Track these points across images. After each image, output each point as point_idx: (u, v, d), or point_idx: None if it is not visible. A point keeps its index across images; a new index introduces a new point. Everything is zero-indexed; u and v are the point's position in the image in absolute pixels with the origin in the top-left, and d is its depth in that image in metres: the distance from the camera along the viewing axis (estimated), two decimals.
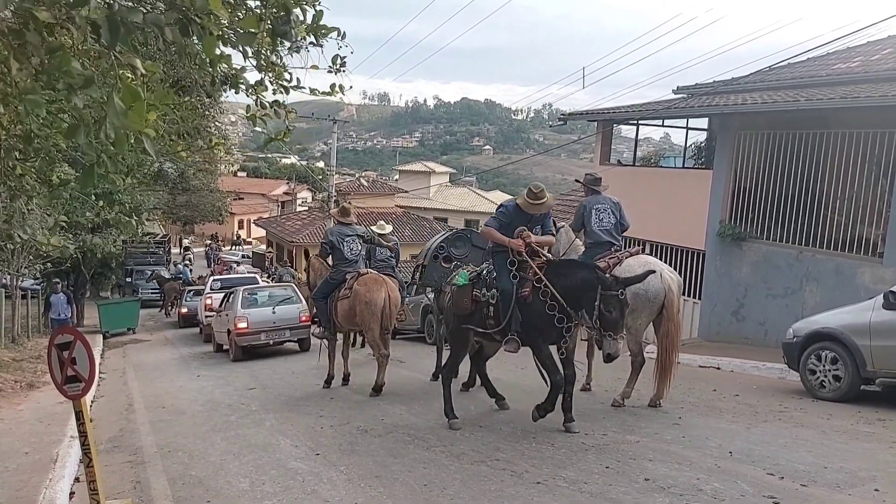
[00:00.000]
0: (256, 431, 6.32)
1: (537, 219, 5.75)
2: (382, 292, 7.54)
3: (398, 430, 5.86)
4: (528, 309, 5.35)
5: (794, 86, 12.09)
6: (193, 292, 19.98)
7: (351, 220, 8.32)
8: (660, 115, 12.75)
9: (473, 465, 4.70)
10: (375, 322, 7.52)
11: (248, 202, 55.34)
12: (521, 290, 5.40)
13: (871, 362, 6.15)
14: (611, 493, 3.94)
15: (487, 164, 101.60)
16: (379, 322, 7.53)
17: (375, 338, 7.60)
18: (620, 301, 4.95)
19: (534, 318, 5.33)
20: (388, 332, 7.78)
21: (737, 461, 4.36)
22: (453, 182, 50.98)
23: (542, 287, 5.25)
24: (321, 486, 4.51)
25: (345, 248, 7.92)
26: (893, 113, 8.72)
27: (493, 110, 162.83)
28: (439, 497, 4.10)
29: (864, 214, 9.33)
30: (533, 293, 5.33)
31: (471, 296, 5.69)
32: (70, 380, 4.28)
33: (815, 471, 4.08)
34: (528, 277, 5.39)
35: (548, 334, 5.35)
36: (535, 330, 5.37)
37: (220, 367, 11.44)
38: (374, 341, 7.68)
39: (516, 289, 5.42)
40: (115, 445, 6.39)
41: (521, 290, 5.40)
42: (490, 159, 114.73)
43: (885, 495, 3.63)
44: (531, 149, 35.85)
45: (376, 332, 7.57)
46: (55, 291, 15.43)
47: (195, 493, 4.65)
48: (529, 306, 5.34)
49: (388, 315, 7.56)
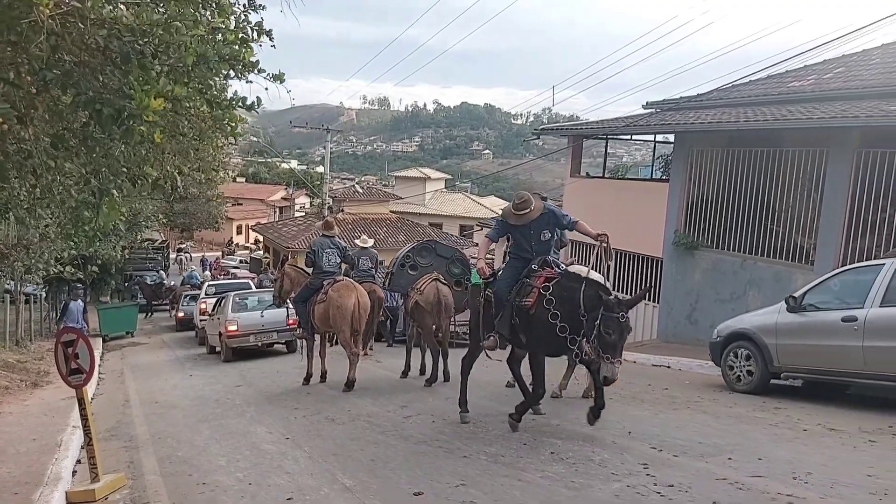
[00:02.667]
0: (237, 421, 7.16)
1: (542, 224, 5.67)
2: (353, 298, 8.41)
3: (360, 419, 6.69)
4: (532, 318, 5.37)
5: (750, 103, 12.94)
6: (190, 297, 20.82)
7: (333, 233, 9.23)
8: (623, 131, 13.61)
9: (416, 444, 5.53)
10: (346, 324, 8.37)
11: (246, 207, 56.23)
12: (524, 299, 5.44)
13: (776, 359, 6.99)
14: (519, 463, 4.76)
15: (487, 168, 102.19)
16: (349, 324, 8.38)
17: (346, 338, 8.44)
18: (621, 324, 4.77)
19: (537, 327, 5.33)
20: (358, 334, 8.61)
21: (631, 439, 5.19)
22: (448, 188, 51.85)
23: (546, 297, 5.25)
24: (286, 462, 5.35)
25: (323, 259, 8.81)
26: (821, 133, 9.59)
27: (493, 115, 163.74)
28: (382, 469, 4.93)
29: (799, 226, 10.17)
30: (538, 303, 5.33)
31: (482, 295, 5.91)
32: (73, 372, 5.17)
33: (690, 446, 4.91)
34: (536, 286, 5.41)
35: (548, 345, 5.36)
36: (536, 339, 5.44)
37: (212, 367, 12.31)
38: (345, 341, 8.52)
39: (519, 296, 5.50)
40: (113, 434, 7.22)
41: (525, 299, 5.43)
42: (490, 164, 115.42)
43: (735, 462, 4.46)
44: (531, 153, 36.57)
45: (347, 334, 8.41)
46: (74, 298, 14.10)
47: (180, 468, 5.49)
48: (533, 316, 5.35)
49: (357, 318, 8.41)
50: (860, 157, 9.26)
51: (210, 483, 4.95)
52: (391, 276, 8.88)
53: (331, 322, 8.54)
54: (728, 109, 12.90)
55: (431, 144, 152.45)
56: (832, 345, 6.46)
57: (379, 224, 34.81)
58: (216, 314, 13.70)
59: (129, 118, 2.81)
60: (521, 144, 18.03)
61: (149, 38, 2.81)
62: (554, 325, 5.09)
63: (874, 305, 6.21)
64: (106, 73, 2.96)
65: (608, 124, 14.03)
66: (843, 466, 4.30)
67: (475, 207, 45.19)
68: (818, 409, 6.37)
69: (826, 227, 9.51)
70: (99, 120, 2.86)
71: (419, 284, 8.38)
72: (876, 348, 6.10)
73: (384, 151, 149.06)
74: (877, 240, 8.99)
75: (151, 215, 19.76)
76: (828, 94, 11.61)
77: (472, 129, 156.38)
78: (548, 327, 5.15)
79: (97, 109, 2.79)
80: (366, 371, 10.19)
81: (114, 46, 2.81)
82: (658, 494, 3.94)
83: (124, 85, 2.82)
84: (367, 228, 33.89)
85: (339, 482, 4.66)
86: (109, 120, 2.86)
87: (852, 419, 5.83)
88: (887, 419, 5.77)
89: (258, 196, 59.96)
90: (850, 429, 5.39)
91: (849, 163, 9.32)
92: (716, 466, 4.39)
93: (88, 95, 2.87)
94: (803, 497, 3.75)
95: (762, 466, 4.34)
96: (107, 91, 2.93)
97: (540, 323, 5.26)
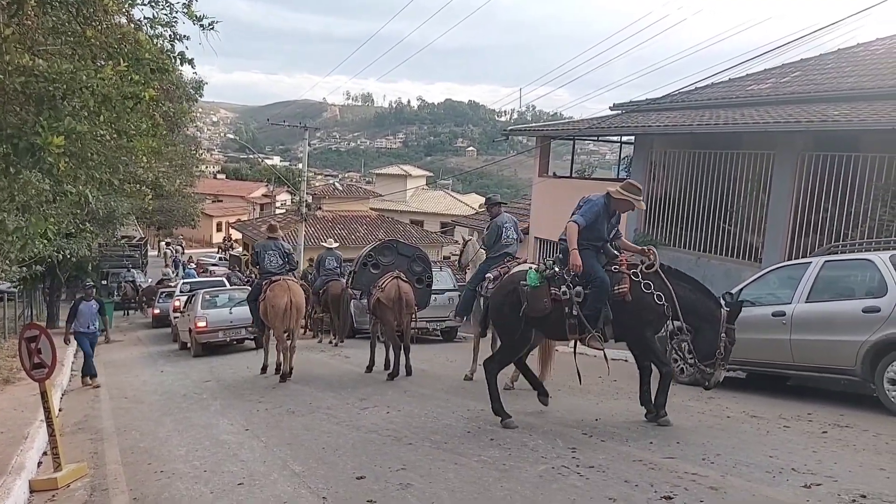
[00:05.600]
0: (201, 414, 7.43)
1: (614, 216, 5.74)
2: (285, 297, 8.98)
3: (319, 411, 6.98)
4: (628, 304, 5.36)
5: (711, 105, 13.37)
6: (166, 294, 20.95)
7: (277, 236, 9.91)
8: (588, 133, 14.00)
9: (367, 433, 5.84)
10: (279, 321, 9.01)
11: (226, 204, 56.15)
12: (617, 287, 5.39)
13: None
14: (459, 448, 5.10)
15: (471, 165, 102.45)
16: (281, 321, 9.00)
17: (279, 335, 9.11)
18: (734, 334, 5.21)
19: (639, 311, 5.35)
20: (290, 331, 9.22)
21: (567, 426, 5.55)
22: (430, 185, 52.14)
23: (644, 282, 5.32)
24: (242, 451, 5.63)
25: (266, 261, 9.44)
26: (770, 137, 10.03)
27: (477, 111, 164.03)
28: (331, 455, 5.23)
29: (749, 225, 10.62)
30: (634, 288, 5.35)
31: (549, 295, 5.48)
32: (36, 366, 5.42)
33: (618, 431, 5.28)
34: (625, 272, 5.43)
35: (656, 325, 5.52)
36: (642, 323, 5.41)
37: (183, 363, 12.54)
38: (279, 337, 9.16)
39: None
40: (80, 428, 7.45)
41: (619, 287, 5.39)
42: (474, 160, 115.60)
43: (654, 446, 4.83)
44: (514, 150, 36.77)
45: (279, 330, 9.06)
46: (87, 298, 11.10)
47: (140, 458, 5.75)
48: (629, 302, 5.35)
49: (289, 316, 9.02)
50: (804, 160, 9.71)
51: (167, 471, 5.23)
52: (354, 275, 9.19)
53: (267, 319, 9.17)
54: (689, 112, 13.32)
55: (415, 141, 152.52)
56: (765, 338, 6.87)
57: (359, 222, 35.03)
58: (187, 311, 13.95)
59: (39, 150, 3.18)
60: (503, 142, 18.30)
61: (59, 83, 3.17)
62: (660, 306, 5.26)
63: (801, 301, 6.64)
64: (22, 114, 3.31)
65: (575, 125, 14.41)
66: (750, 449, 4.68)
67: (456, 204, 45.49)
68: (749, 398, 6.79)
69: (773, 227, 9.96)
70: (15, 152, 3.27)
71: (381, 282, 8.69)
72: (802, 341, 6.53)
73: (368, 148, 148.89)
74: (819, 238, 9.44)
75: (127, 213, 19.81)
76: (783, 98, 12.06)
77: (456, 125, 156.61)
78: (653, 307, 5.29)
79: (14, 143, 3.17)
80: (332, 366, 10.53)
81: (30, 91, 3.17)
82: (577, 474, 4.28)
83: (36, 123, 3.18)
84: (346, 226, 34.16)
85: (289, 468, 4.96)
86: (24, 152, 3.29)
87: (776, 407, 6.24)
88: (807, 407, 6.20)
89: (239, 193, 59.86)
90: (771, 416, 5.80)
91: (793, 165, 9.76)
92: (636, 450, 4.75)
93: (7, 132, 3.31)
94: (706, 475, 4.11)
95: (677, 449, 4.71)
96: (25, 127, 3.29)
97: (644, 304, 5.32)
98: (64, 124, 3.20)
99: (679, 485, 3.97)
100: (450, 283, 14.06)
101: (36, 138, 3.20)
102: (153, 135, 4.19)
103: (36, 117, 3.28)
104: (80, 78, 3.26)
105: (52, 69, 3.24)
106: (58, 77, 3.24)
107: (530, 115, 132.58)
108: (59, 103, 3.31)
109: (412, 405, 6.90)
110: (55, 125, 3.18)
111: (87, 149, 4.22)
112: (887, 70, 11.08)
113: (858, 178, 8.99)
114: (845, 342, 6.12)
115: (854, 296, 6.37)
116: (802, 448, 4.69)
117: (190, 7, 3.98)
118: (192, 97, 19.82)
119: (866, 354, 5.95)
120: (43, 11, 3.33)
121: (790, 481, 3.95)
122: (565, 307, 5.47)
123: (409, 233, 35.77)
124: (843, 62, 12.91)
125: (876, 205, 8.92)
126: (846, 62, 12.84)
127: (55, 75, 3.23)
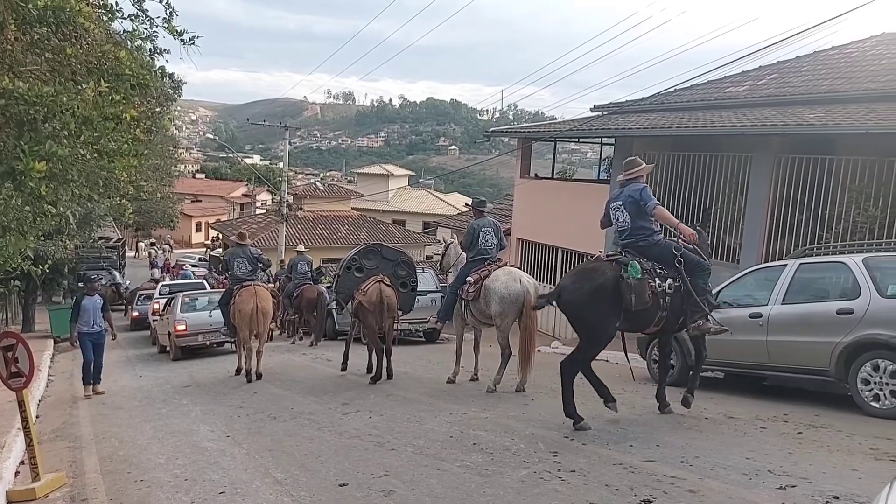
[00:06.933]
0: (181, 421, 7.36)
1: None
2: (252, 303, 9.37)
3: (302, 417, 6.96)
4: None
5: (689, 108, 13.53)
6: (144, 296, 20.69)
7: (246, 243, 10.28)
8: (569, 135, 14.09)
9: (350, 439, 5.83)
10: (245, 326, 9.40)
11: (206, 204, 55.57)
12: None
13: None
14: (442, 454, 5.11)
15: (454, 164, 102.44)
16: (248, 325, 9.39)
17: (245, 338, 9.51)
18: None
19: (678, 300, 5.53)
20: (256, 335, 9.61)
21: (548, 429, 5.59)
22: (412, 185, 52.06)
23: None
24: (223, 458, 5.60)
25: (235, 267, 9.82)
26: (747, 139, 10.18)
27: (459, 110, 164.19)
28: (313, 462, 5.22)
29: (727, 226, 10.77)
30: None
31: (650, 287, 5.44)
32: (13, 375, 5.34)
33: (599, 434, 5.33)
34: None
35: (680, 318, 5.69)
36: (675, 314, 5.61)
37: (162, 368, 12.41)
38: (245, 340, 9.55)
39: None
40: (58, 435, 7.35)
41: None
42: (456, 160, 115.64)
43: (634, 448, 4.87)
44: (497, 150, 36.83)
45: (246, 334, 9.46)
46: (90, 293, 9.95)
47: (120, 467, 5.69)
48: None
49: (255, 320, 9.42)
50: (780, 162, 9.87)
51: (147, 480, 5.18)
52: (338, 279, 9.17)
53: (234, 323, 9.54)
54: (668, 114, 13.47)
55: (397, 140, 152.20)
56: (742, 339, 6.98)
57: (340, 221, 34.88)
58: (166, 314, 13.81)
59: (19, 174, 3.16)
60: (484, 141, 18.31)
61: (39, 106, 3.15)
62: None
63: (777, 303, 6.76)
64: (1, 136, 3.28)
65: (557, 127, 14.50)
66: (727, 450, 4.75)
67: (438, 204, 45.51)
68: (726, 399, 6.90)
69: (750, 228, 10.12)
70: None
71: (364, 286, 8.68)
72: (777, 343, 6.65)
73: (349, 146, 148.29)
74: (795, 240, 9.61)
75: (104, 214, 19.54)
76: (759, 100, 12.24)
77: (438, 124, 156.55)
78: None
79: None
80: (314, 370, 10.50)
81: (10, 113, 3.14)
82: (559, 479, 4.33)
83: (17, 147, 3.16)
84: (328, 226, 33.99)
85: (271, 476, 4.94)
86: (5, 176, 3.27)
87: (754, 408, 6.35)
88: (784, 408, 6.32)
89: (218, 192, 59.26)
90: (748, 417, 5.90)
91: (770, 168, 9.93)
92: (617, 453, 4.81)
93: None
94: (684, 478, 4.17)
95: (657, 452, 4.77)
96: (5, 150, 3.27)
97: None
98: (45, 147, 3.16)
99: (658, 488, 4.03)
100: (432, 285, 14.07)
101: (17, 163, 3.17)
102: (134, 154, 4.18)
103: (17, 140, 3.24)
104: (61, 100, 3.23)
105: (33, 91, 3.20)
106: (38, 100, 3.21)
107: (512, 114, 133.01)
108: (39, 126, 3.28)
109: (395, 409, 6.91)
110: (36, 149, 3.15)
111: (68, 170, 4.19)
112: (861, 73, 11.31)
113: (833, 181, 9.17)
114: (820, 343, 6.24)
115: (828, 298, 6.50)
116: (779, 450, 4.78)
117: (170, 22, 3.96)
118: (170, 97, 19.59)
119: (840, 355, 6.07)
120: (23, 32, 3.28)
121: (766, 483, 4.03)
122: (660, 299, 5.48)
123: (392, 233, 35.72)
124: (819, 65, 13.13)
125: (850, 207, 9.11)
126: (822, 65, 13.07)
127: (35, 98, 3.19)
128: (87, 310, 9.80)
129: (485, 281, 7.38)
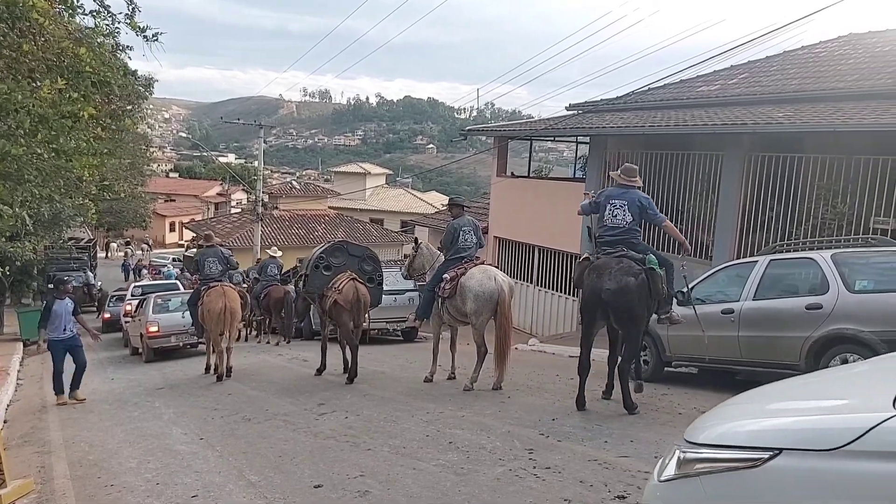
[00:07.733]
0: (154, 423, 7.24)
1: None
2: (220, 303, 9.48)
3: (277, 418, 6.88)
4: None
5: (663, 106, 13.68)
6: (116, 297, 20.32)
7: (213, 243, 10.50)
8: (544, 133, 14.16)
9: (325, 440, 5.79)
10: (214, 325, 9.53)
11: (179, 204, 54.78)
12: None
13: (668, 349, 7.59)
14: (419, 453, 5.10)
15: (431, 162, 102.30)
16: (216, 325, 9.52)
17: (214, 337, 9.68)
18: None
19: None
20: (224, 334, 9.70)
21: (524, 426, 5.60)
22: (389, 183, 51.87)
23: None
24: (196, 461, 5.51)
25: (206, 267, 9.90)
26: (718, 138, 10.32)
27: (437, 109, 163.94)
28: (287, 464, 5.17)
29: (700, 224, 10.92)
30: None
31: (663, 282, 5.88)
32: None
33: (574, 431, 5.36)
34: None
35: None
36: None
37: (134, 370, 12.19)
38: (214, 339, 9.73)
39: None
40: (26, 440, 7.18)
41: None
42: (434, 158, 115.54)
43: (609, 445, 4.92)
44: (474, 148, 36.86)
45: (214, 333, 9.62)
46: (60, 297, 9.27)
47: (90, 472, 5.57)
48: None
49: (223, 320, 9.51)
50: (751, 160, 10.03)
51: (118, 484, 5.09)
52: (306, 279, 9.07)
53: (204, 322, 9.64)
54: (642, 112, 13.60)
55: (374, 138, 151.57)
56: (714, 335, 7.06)
57: (317, 221, 34.59)
58: (138, 315, 13.60)
59: None
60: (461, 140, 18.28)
61: None
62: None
63: (748, 299, 6.85)
64: None
65: (532, 126, 14.56)
66: None
67: (416, 202, 45.41)
68: (700, 394, 6.99)
69: (722, 225, 10.26)
70: None
71: (336, 284, 8.61)
72: (749, 338, 6.74)
73: (325, 145, 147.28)
74: (766, 236, 9.77)
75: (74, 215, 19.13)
76: (731, 99, 12.43)
77: (415, 123, 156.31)
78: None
79: None
80: (289, 370, 10.40)
81: None
82: (534, 476, 4.34)
83: None
84: (304, 225, 33.70)
85: (244, 478, 4.88)
86: None
87: None
88: None
89: (193, 192, 58.47)
90: None
91: (741, 166, 10.08)
92: (592, 449, 4.84)
93: None
94: None
95: (631, 448, 4.81)
96: None
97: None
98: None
99: (633, 483, 4.06)
100: (410, 283, 14.03)
101: None
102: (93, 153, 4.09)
103: None
104: (16, 98, 3.14)
105: None
106: None
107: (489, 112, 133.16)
108: None
109: (371, 409, 6.87)
110: None
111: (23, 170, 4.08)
112: (829, 73, 11.54)
113: (802, 179, 9.34)
114: (790, 338, 6.34)
115: (798, 293, 6.60)
116: None
117: (132, 18, 3.88)
118: (141, 95, 19.26)
119: (810, 350, 6.17)
120: None
121: None
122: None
123: (369, 231, 35.56)
124: (788, 65, 13.38)
125: (819, 204, 9.29)
126: (791, 65, 13.32)
127: None
128: (59, 315, 9.15)
129: (461, 279, 7.37)
